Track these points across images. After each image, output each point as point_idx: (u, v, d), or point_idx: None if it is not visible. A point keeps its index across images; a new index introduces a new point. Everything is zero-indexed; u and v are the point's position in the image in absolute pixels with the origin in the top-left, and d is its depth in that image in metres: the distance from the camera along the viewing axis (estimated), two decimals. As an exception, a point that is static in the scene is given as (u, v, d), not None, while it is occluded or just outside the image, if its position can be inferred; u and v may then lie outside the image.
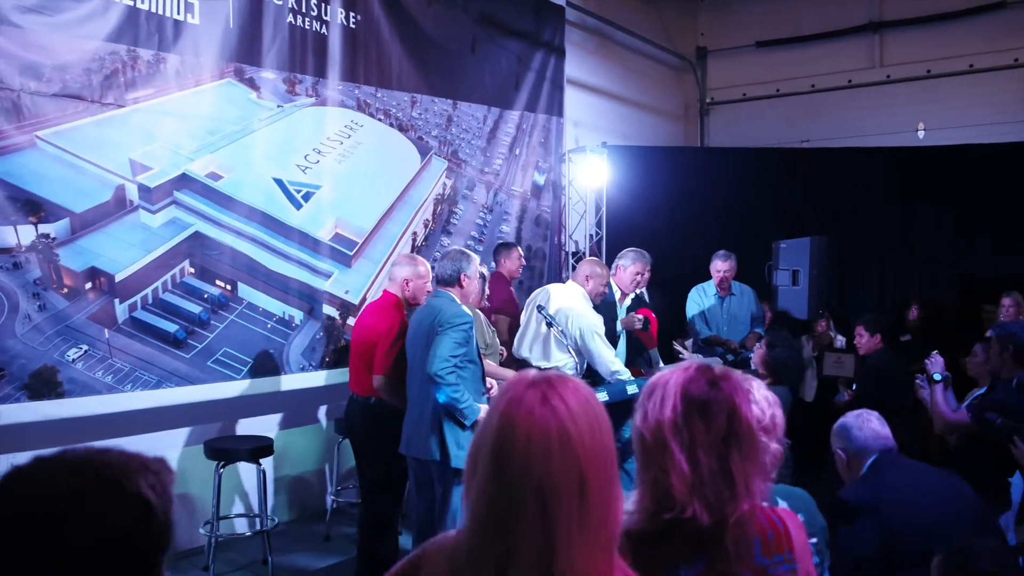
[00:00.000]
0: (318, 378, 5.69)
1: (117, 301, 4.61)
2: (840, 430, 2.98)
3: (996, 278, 7.92)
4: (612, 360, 5.13)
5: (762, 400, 1.85)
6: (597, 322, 5.21)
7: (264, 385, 5.37)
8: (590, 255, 7.33)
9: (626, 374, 5.20)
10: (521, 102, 7.37)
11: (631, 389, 5.04)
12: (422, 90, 6.42)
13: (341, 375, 5.83)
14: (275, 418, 5.61)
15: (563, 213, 7.97)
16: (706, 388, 1.58)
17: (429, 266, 4.63)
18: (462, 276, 4.15)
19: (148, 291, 4.75)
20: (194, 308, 4.97)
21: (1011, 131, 8.16)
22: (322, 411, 5.91)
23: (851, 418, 2.98)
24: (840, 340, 7.16)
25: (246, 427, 5.41)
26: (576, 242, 8.02)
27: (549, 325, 4.90)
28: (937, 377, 4.32)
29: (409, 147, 6.38)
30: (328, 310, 5.72)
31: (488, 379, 4.37)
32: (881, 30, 9.11)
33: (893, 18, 9.03)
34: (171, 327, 4.86)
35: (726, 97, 10.17)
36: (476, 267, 4.24)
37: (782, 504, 2.01)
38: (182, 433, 5.07)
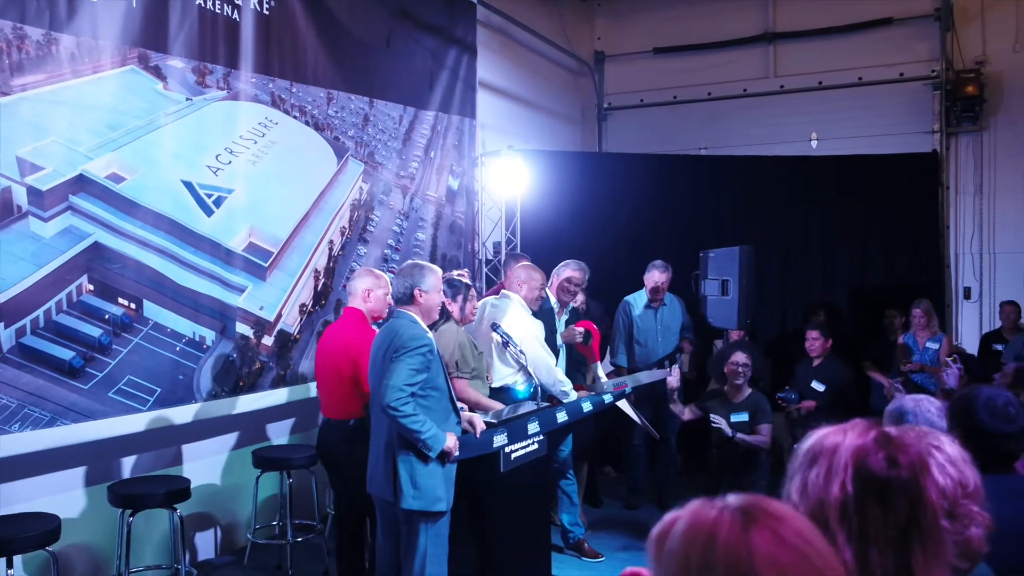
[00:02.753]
0: (232, 405, 5.09)
1: (2, 326, 3.88)
2: (896, 413, 2.64)
3: (889, 285, 8.27)
4: (554, 369, 4.86)
5: (951, 462, 1.59)
6: (536, 328, 4.94)
7: (173, 416, 4.73)
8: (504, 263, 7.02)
9: (569, 385, 4.96)
10: (436, 102, 6.97)
11: (586, 407, 4.81)
12: (338, 86, 5.90)
13: (257, 400, 5.28)
14: (186, 451, 4.95)
15: (477, 219, 7.62)
16: (885, 465, 1.28)
17: (387, 279, 4.24)
18: (416, 292, 3.73)
19: (39, 313, 4.03)
20: (93, 331, 4.28)
21: (899, 142, 8.54)
22: (237, 441, 5.29)
23: (908, 402, 2.68)
24: None
25: (155, 464, 4.74)
26: (488, 249, 7.69)
27: (506, 344, 4.56)
28: None
29: (325, 148, 5.85)
30: (242, 328, 5.13)
31: (464, 405, 3.99)
32: (775, 41, 9.32)
33: (786, 29, 9.26)
34: (66, 354, 4.15)
35: (623, 103, 10.13)
36: (435, 280, 3.82)
37: None
38: (80, 475, 4.36)
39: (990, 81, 8.38)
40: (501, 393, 4.77)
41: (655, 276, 6.26)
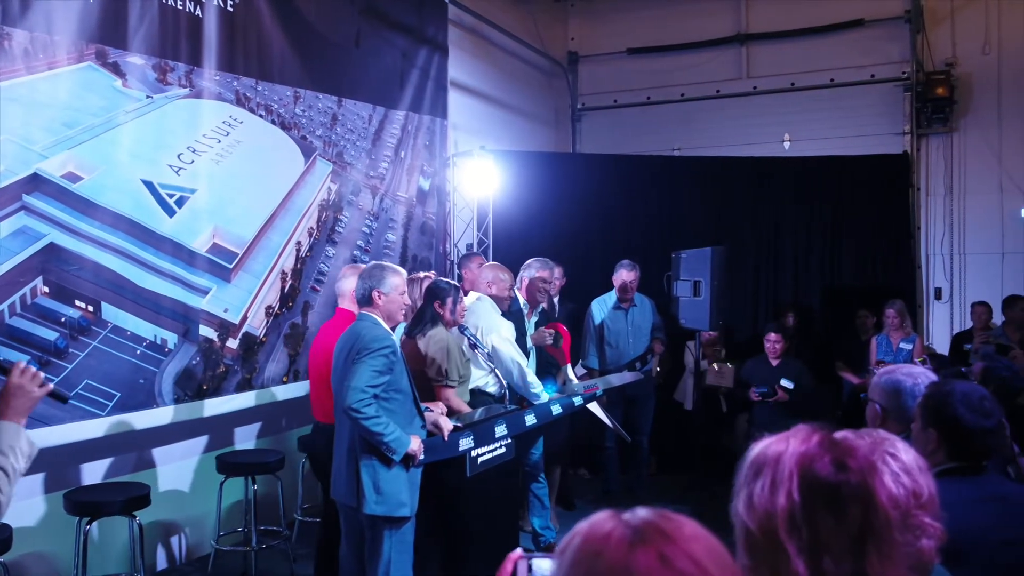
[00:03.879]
0: (196, 409, 4.98)
1: (-48, 329, 3.76)
2: (889, 386, 2.53)
3: (860, 285, 8.30)
4: (526, 371, 4.81)
5: (906, 470, 1.54)
6: (508, 327, 4.89)
7: (134, 421, 4.62)
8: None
9: (540, 387, 4.91)
10: (406, 101, 6.89)
11: (556, 410, 4.76)
12: (306, 84, 5.81)
13: (222, 404, 5.18)
14: (147, 457, 4.84)
15: (448, 220, 7.55)
16: (833, 469, 1.22)
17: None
18: (374, 294, 3.65)
19: (-9, 315, 3.92)
20: (49, 335, 4.17)
21: (870, 144, 8.56)
22: (202, 446, 5.18)
23: (904, 376, 2.54)
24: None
25: (116, 471, 4.63)
26: (460, 250, 7.61)
27: (474, 347, 4.48)
28: None
29: (292, 147, 5.76)
30: (206, 331, 5.02)
31: (439, 406, 3.92)
32: (748, 42, 9.32)
33: (759, 30, 9.27)
34: (20, 358, 4.02)
35: (597, 103, 10.09)
36: (396, 282, 3.74)
37: None
38: (36, 482, 4.23)
39: (960, 83, 8.43)
40: (473, 396, 4.71)
41: (623, 275, 6.22)
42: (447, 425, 3.76)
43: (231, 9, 5.16)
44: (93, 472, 4.52)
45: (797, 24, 9.00)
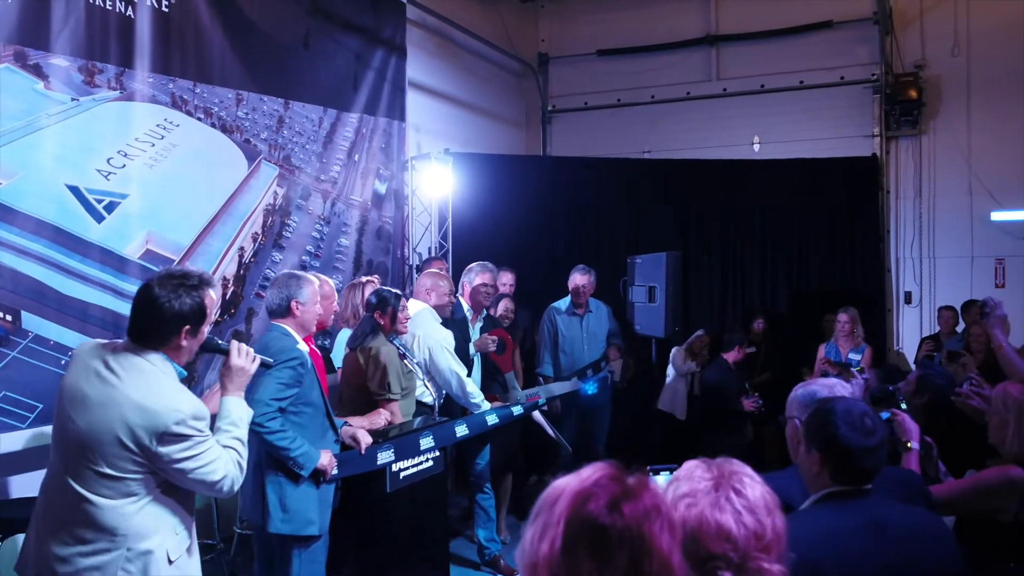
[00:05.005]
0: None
1: None
2: (807, 399, 2.38)
3: (828, 289, 8.21)
4: (465, 380, 4.69)
5: (749, 509, 1.41)
6: (446, 336, 4.77)
7: (57, 433, 4.49)
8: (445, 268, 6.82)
9: (480, 398, 4.80)
10: (360, 104, 6.77)
11: (492, 420, 4.66)
12: (249, 87, 5.69)
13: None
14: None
15: (406, 224, 7.43)
16: (605, 510, 1.11)
17: (332, 285, 4.10)
18: (293, 304, 3.54)
19: (-102, 326, 3.80)
20: (-37, 344, 4.05)
21: (839, 146, 8.47)
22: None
23: (822, 388, 2.43)
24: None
25: (34, 486, 4.49)
26: (420, 255, 7.49)
27: (403, 357, 4.37)
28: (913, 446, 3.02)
29: (234, 151, 5.63)
30: (138, 339, 4.88)
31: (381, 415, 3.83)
32: (718, 43, 9.21)
33: (728, 32, 9.16)
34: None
35: (568, 105, 9.98)
36: (311, 290, 3.63)
37: None
38: (-52, 499, 4.11)
39: (929, 85, 8.33)
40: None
41: (576, 279, 6.12)
42: (365, 439, 3.65)
43: (166, 9, 5.03)
44: (11, 487, 4.39)
45: (766, 25, 8.89)
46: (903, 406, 3.16)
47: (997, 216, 8.08)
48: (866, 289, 8.30)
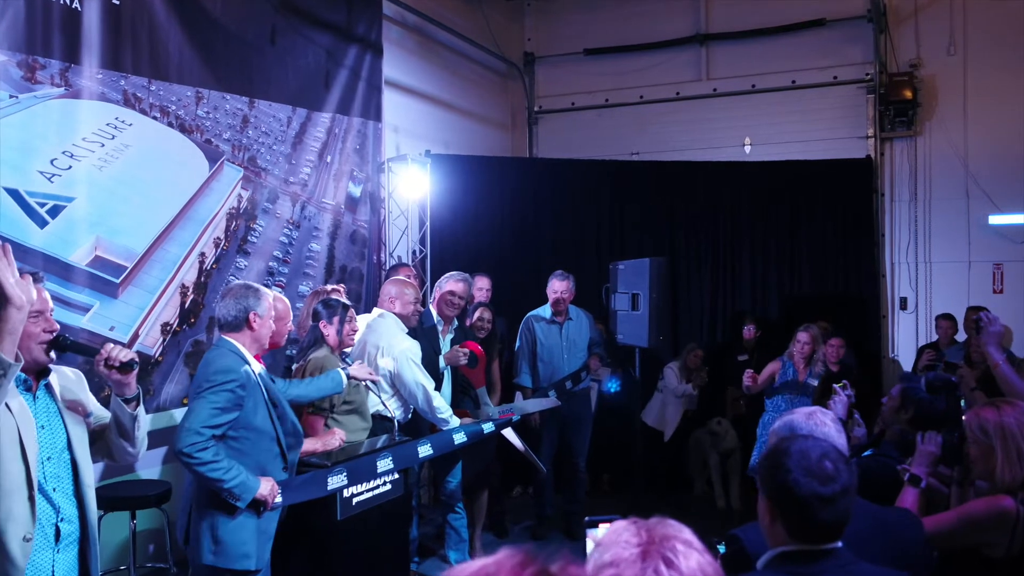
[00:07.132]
0: (73, 437, 4.56)
1: None
2: (786, 432, 2.17)
3: (823, 295, 7.95)
4: (433, 394, 4.42)
5: None
6: (412, 347, 4.50)
7: None
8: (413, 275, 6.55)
9: (449, 413, 4.53)
10: (332, 103, 6.49)
11: (459, 438, 4.38)
12: (209, 84, 5.42)
13: (105, 431, 4.75)
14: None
15: (383, 228, 7.14)
16: None
17: (287, 303, 3.87)
18: (251, 316, 3.26)
19: None
20: None
21: (833, 147, 8.22)
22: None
23: (800, 418, 2.22)
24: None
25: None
26: (400, 259, 7.21)
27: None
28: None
29: (194, 151, 5.35)
30: (86, 351, 4.60)
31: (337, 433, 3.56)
32: (707, 43, 8.95)
33: (718, 31, 8.89)
34: None
35: (554, 106, 9.70)
36: (268, 302, 3.36)
37: None
38: None
39: (924, 85, 8.07)
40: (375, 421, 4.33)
41: (554, 285, 5.84)
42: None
43: (117, 3, 4.76)
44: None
45: (758, 24, 8.63)
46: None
47: (995, 220, 7.82)
48: (860, 295, 8.05)
